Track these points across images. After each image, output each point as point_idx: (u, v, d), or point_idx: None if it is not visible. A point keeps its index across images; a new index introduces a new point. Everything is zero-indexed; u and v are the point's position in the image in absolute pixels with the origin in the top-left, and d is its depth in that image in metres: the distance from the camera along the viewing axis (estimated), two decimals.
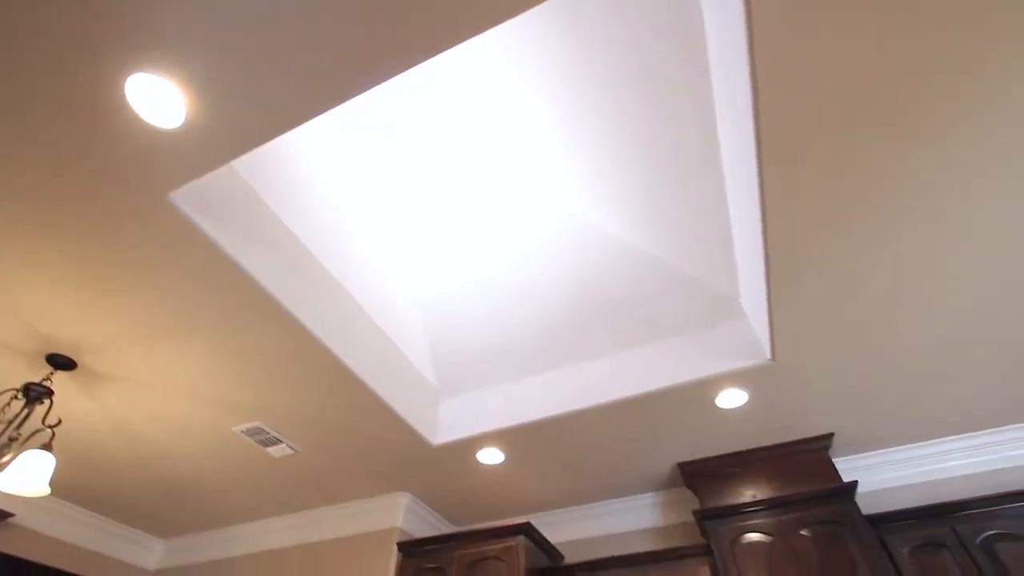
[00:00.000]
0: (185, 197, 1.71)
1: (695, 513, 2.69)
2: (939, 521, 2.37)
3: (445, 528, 3.56)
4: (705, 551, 2.61)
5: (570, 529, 3.40)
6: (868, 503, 2.83)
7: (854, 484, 2.47)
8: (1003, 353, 2.30)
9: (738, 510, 2.61)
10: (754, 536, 2.52)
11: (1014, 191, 1.67)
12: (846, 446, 2.87)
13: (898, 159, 1.58)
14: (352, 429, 2.67)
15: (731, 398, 2.49)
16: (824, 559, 2.34)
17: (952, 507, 2.37)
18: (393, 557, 2.97)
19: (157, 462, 2.92)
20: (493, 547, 2.78)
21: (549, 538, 3.38)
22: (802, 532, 2.45)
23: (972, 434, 2.81)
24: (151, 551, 3.77)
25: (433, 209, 2.62)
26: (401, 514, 3.15)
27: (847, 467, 2.95)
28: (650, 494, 3.29)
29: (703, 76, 1.85)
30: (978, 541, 2.27)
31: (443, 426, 2.87)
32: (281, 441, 2.70)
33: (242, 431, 2.63)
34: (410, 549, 2.98)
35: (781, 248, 1.82)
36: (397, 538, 3.05)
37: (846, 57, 1.35)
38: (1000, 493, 2.34)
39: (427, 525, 3.39)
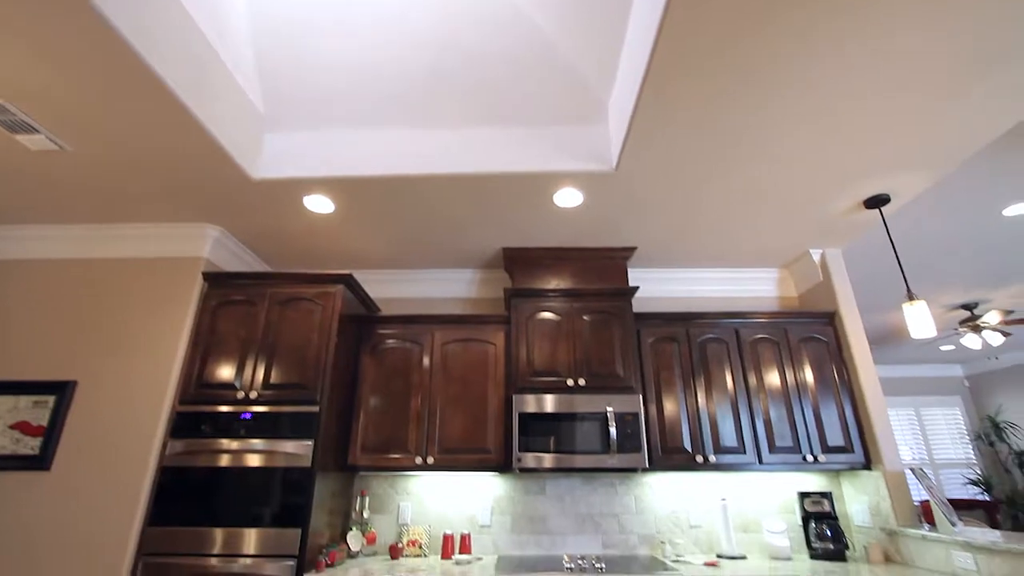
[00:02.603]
0: None
1: (506, 291, 3.03)
2: (679, 324, 3.08)
3: (261, 268, 3.47)
4: (505, 321, 3.05)
5: (390, 288, 3.60)
6: (639, 305, 3.52)
7: (635, 289, 3.00)
8: (772, 212, 2.78)
9: (541, 293, 3.02)
10: (546, 315, 2.99)
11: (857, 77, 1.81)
12: (641, 259, 3.40)
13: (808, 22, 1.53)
14: (147, 140, 2.20)
15: (568, 197, 2.64)
16: (593, 338, 2.92)
17: (689, 316, 3.08)
18: (197, 285, 2.84)
19: None
20: (310, 290, 2.82)
21: (370, 293, 3.56)
22: (584, 317, 2.97)
23: (726, 268, 3.55)
24: None
25: None
26: (208, 245, 2.92)
27: (635, 276, 3.55)
28: (471, 269, 3.58)
29: None
30: (698, 340, 3.04)
31: (267, 160, 2.55)
32: (37, 131, 2.11)
33: None
34: (218, 280, 2.87)
35: (666, 60, 1.75)
36: (202, 268, 2.88)
37: None
38: (720, 312, 3.09)
39: (241, 263, 3.25)
